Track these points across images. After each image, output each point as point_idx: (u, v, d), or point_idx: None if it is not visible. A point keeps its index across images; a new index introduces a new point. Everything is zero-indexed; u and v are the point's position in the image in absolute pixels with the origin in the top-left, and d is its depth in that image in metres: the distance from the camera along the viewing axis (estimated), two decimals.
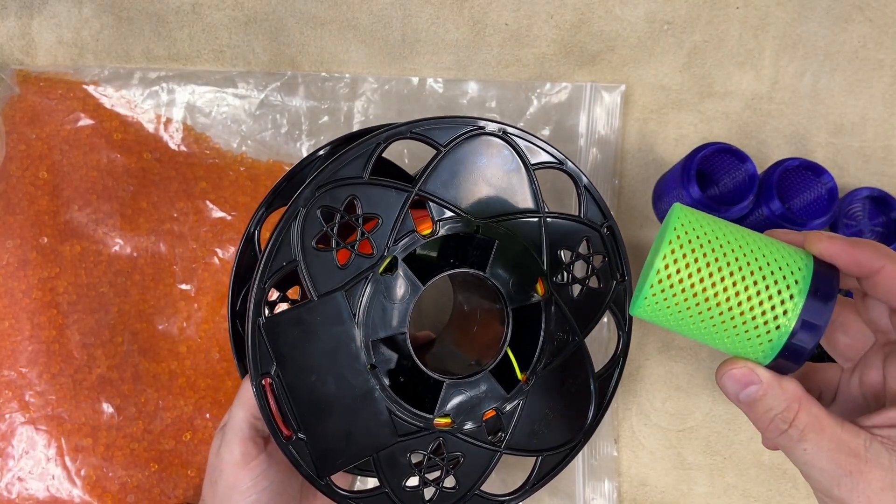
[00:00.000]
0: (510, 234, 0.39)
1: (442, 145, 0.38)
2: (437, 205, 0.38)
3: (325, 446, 0.37)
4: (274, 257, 0.36)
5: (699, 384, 0.59)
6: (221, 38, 0.60)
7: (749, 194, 0.55)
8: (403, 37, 0.61)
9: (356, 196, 0.36)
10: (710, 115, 0.63)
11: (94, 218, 0.55)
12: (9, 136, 0.55)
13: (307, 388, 0.37)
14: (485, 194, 0.39)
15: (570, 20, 0.63)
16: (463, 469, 0.40)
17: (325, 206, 0.36)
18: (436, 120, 0.38)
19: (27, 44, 0.59)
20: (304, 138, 0.59)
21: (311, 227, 0.36)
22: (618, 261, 0.43)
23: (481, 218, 0.39)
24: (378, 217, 0.37)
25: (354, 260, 0.37)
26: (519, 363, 0.41)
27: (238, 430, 0.39)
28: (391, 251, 0.37)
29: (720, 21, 0.64)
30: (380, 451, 0.38)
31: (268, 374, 0.36)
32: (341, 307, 0.37)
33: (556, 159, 0.41)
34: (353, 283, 0.37)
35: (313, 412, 0.37)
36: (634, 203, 0.61)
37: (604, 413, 0.44)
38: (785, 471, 0.58)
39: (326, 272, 0.36)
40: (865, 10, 0.65)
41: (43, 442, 0.52)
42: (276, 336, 0.36)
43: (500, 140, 0.39)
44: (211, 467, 0.41)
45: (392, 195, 0.37)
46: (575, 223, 0.42)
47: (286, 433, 0.37)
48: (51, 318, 0.53)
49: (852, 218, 0.62)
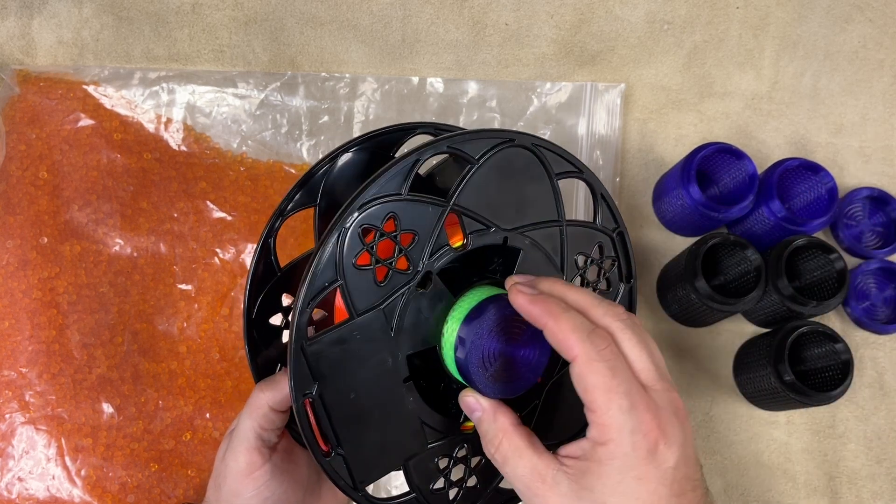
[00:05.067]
0: (533, 243, 0.40)
1: (475, 158, 0.38)
2: (470, 218, 0.38)
3: (361, 459, 0.38)
4: (316, 278, 0.35)
5: (699, 384, 0.59)
6: (221, 38, 0.60)
7: (749, 194, 0.55)
8: (403, 37, 0.61)
9: (394, 213, 0.36)
10: (710, 115, 0.63)
11: (94, 218, 0.55)
12: (9, 136, 0.55)
13: (346, 404, 0.37)
14: (512, 205, 0.39)
15: (570, 20, 0.63)
16: (483, 467, 0.41)
17: (365, 224, 0.36)
18: (470, 133, 0.38)
19: (27, 44, 0.59)
20: (304, 138, 0.59)
21: (352, 246, 0.36)
22: (626, 264, 0.44)
23: (508, 228, 0.39)
24: (415, 232, 0.37)
25: (392, 276, 0.37)
26: None
27: (244, 438, 0.39)
28: (426, 266, 0.37)
29: (720, 21, 0.64)
30: (410, 459, 0.39)
31: (309, 394, 0.36)
32: (380, 324, 0.37)
33: (577, 168, 0.42)
34: (391, 298, 0.37)
35: (351, 427, 0.37)
36: (634, 203, 0.61)
37: None
38: (785, 471, 0.58)
39: (365, 290, 0.36)
40: (865, 10, 0.65)
41: (43, 442, 0.52)
42: (318, 357, 0.36)
43: (528, 151, 0.40)
44: (216, 471, 0.41)
45: (429, 210, 0.37)
46: (591, 229, 0.43)
47: (325, 449, 0.37)
48: (51, 318, 0.53)
49: (852, 218, 0.62)
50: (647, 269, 0.60)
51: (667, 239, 0.61)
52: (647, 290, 0.60)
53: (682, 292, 0.55)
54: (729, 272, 0.57)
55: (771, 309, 0.55)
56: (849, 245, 0.60)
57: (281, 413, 0.40)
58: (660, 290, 0.60)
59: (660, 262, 0.60)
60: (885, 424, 0.59)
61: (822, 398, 0.52)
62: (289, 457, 0.42)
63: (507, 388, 0.37)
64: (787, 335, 0.53)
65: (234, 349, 0.55)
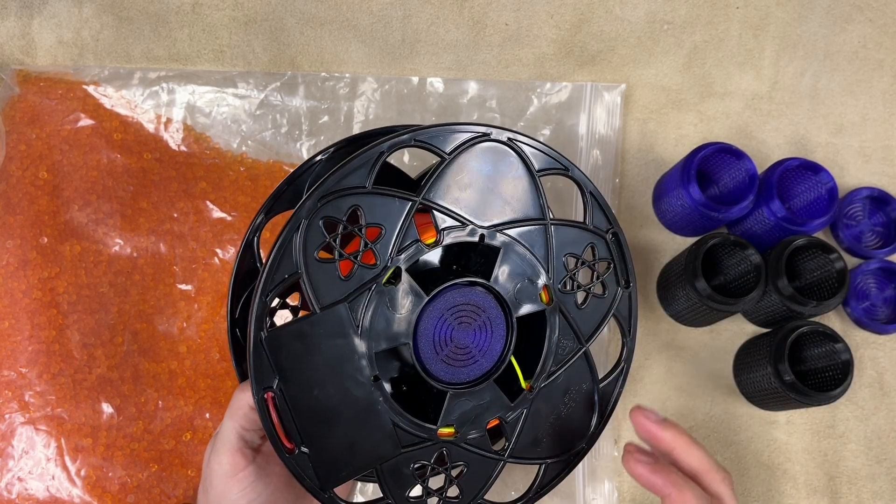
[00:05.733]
0: (515, 242, 0.39)
1: (446, 153, 0.37)
2: (442, 213, 0.38)
3: (328, 459, 0.37)
4: (276, 269, 0.35)
5: (699, 384, 0.59)
6: (221, 38, 0.60)
7: (749, 194, 0.55)
8: (403, 37, 0.61)
9: (359, 206, 0.36)
10: (710, 115, 0.63)
11: (94, 218, 0.55)
12: (9, 136, 0.55)
13: (310, 401, 0.36)
14: (489, 201, 0.38)
15: (570, 20, 0.63)
16: (466, 478, 0.40)
17: (328, 216, 0.35)
18: (439, 127, 0.37)
19: (27, 44, 0.59)
20: (304, 138, 0.59)
21: (314, 238, 0.35)
22: (623, 267, 0.43)
23: (486, 226, 0.38)
24: (381, 227, 0.36)
25: (357, 271, 0.36)
26: (523, 371, 0.41)
27: (227, 440, 0.39)
28: (394, 261, 0.37)
29: (720, 21, 0.64)
30: (383, 463, 0.38)
31: (270, 388, 0.35)
32: (344, 319, 0.36)
33: (561, 165, 0.41)
34: (356, 294, 0.36)
35: (316, 425, 0.36)
36: (634, 203, 0.61)
37: (607, 420, 0.44)
38: (785, 471, 0.58)
39: (329, 284, 0.36)
40: (865, 10, 0.65)
41: (43, 442, 0.52)
42: (279, 349, 0.35)
43: (506, 146, 0.39)
44: (203, 475, 0.41)
45: (396, 205, 0.36)
46: (580, 230, 0.41)
47: (289, 447, 0.37)
48: (51, 318, 0.53)
49: (852, 218, 0.62)
50: (647, 269, 0.60)
51: (667, 239, 0.61)
52: (648, 290, 0.60)
53: (682, 292, 0.55)
54: (729, 272, 0.57)
55: (771, 309, 0.55)
56: (849, 245, 0.60)
57: None
58: (660, 290, 0.60)
59: (660, 262, 0.60)
60: (885, 424, 0.59)
61: (822, 398, 0.52)
62: (274, 458, 0.41)
63: (459, 373, 0.39)
64: (787, 335, 0.53)
65: None
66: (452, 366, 0.39)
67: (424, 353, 0.38)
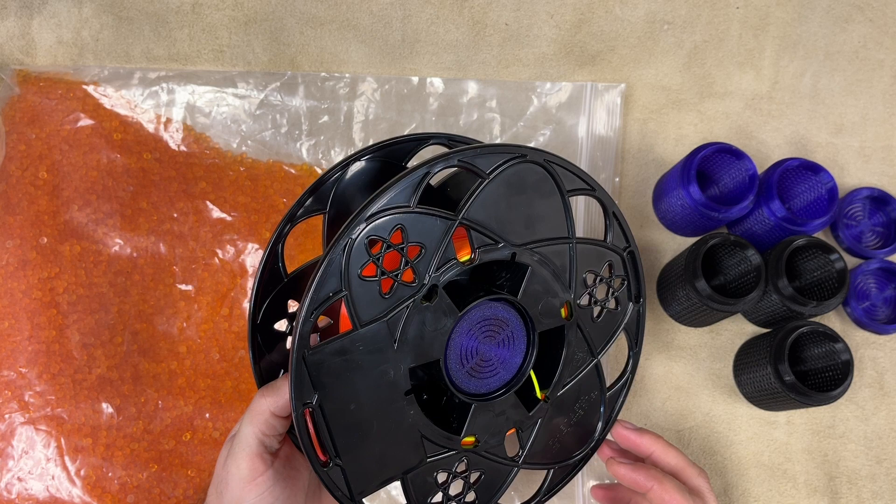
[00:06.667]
0: (542, 260, 0.40)
1: (486, 173, 0.38)
2: (478, 233, 0.38)
3: (360, 470, 0.38)
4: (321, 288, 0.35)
5: (699, 384, 0.59)
6: (221, 38, 0.60)
7: (749, 194, 0.55)
8: (403, 37, 0.61)
9: (402, 225, 0.36)
10: (710, 115, 0.63)
11: (94, 218, 0.55)
12: (9, 136, 0.55)
13: (345, 415, 0.37)
14: (521, 220, 0.39)
15: (570, 20, 0.63)
16: (482, 483, 0.42)
17: (372, 235, 0.36)
18: (482, 147, 0.38)
19: (27, 44, 0.59)
20: (303, 138, 0.59)
21: (358, 257, 0.36)
22: (636, 283, 0.44)
23: (518, 243, 0.39)
24: (421, 245, 0.37)
25: (397, 288, 0.37)
26: (539, 381, 0.42)
27: (246, 445, 0.39)
28: (432, 279, 0.37)
29: (720, 21, 0.64)
30: (408, 472, 0.39)
31: (309, 404, 0.36)
32: (383, 336, 0.37)
33: (589, 185, 0.42)
34: (395, 311, 0.37)
35: (350, 438, 0.37)
36: (634, 203, 0.61)
37: (610, 427, 0.46)
38: (785, 471, 0.58)
39: (369, 301, 0.36)
40: (865, 10, 0.65)
41: (43, 442, 0.52)
42: (319, 366, 0.36)
43: (540, 167, 0.39)
44: (217, 478, 0.41)
45: (437, 224, 0.37)
46: (601, 248, 0.43)
47: (323, 459, 0.37)
48: (51, 318, 0.53)
49: (852, 218, 0.62)
50: (647, 269, 0.60)
51: (667, 239, 0.61)
52: (648, 290, 0.60)
53: (682, 292, 0.55)
54: (729, 272, 0.57)
55: (771, 309, 0.55)
56: (849, 245, 0.60)
57: (283, 419, 0.39)
58: (660, 290, 0.60)
59: (660, 262, 0.60)
60: (885, 424, 0.59)
61: (822, 398, 0.52)
62: (290, 463, 0.41)
63: (481, 384, 0.40)
64: (787, 335, 0.53)
65: (233, 349, 0.55)
66: (476, 377, 0.40)
67: (453, 367, 0.39)
